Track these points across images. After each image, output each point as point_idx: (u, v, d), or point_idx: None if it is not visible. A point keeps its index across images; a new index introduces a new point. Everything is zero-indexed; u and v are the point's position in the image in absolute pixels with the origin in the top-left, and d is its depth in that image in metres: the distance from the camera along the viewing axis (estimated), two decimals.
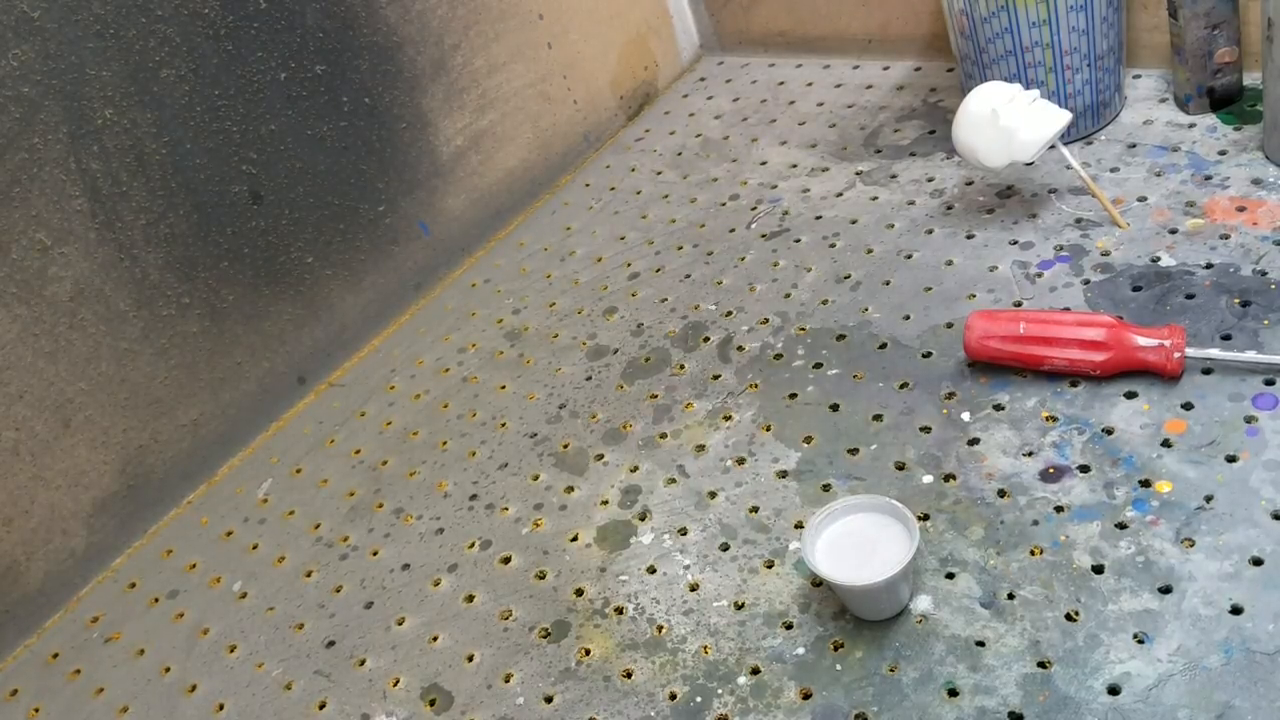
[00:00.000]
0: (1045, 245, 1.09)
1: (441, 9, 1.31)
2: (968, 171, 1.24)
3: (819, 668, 0.79)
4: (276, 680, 0.94)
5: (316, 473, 1.14)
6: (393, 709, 0.88)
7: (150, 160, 1.07)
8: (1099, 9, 1.15)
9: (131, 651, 1.02)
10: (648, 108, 1.62)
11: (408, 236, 1.33)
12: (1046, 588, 0.79)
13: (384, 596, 0.98)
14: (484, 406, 1.15)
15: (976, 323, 0.96)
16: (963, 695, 0.74)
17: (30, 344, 1.02)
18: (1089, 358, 0.91)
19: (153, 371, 1.12)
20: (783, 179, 1.35)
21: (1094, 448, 0.88)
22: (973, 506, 0.87)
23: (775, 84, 1.56)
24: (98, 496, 1.10)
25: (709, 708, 0.79)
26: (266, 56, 1.14)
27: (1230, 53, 1.15)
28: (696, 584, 0.89)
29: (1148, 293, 1.00)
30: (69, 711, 0.98)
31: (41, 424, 1.05)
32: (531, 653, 0.88)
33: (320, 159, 1.22)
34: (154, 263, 1.10)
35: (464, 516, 1.03)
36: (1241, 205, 1.06)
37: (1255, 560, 0.76)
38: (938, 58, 1.47)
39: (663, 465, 1.01)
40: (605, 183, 1.47)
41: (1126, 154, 1.18)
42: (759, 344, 1.10)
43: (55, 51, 0.99)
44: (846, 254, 1.18)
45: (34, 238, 1.01)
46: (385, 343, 1.31)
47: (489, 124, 1.40)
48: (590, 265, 1.31)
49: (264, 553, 1.07)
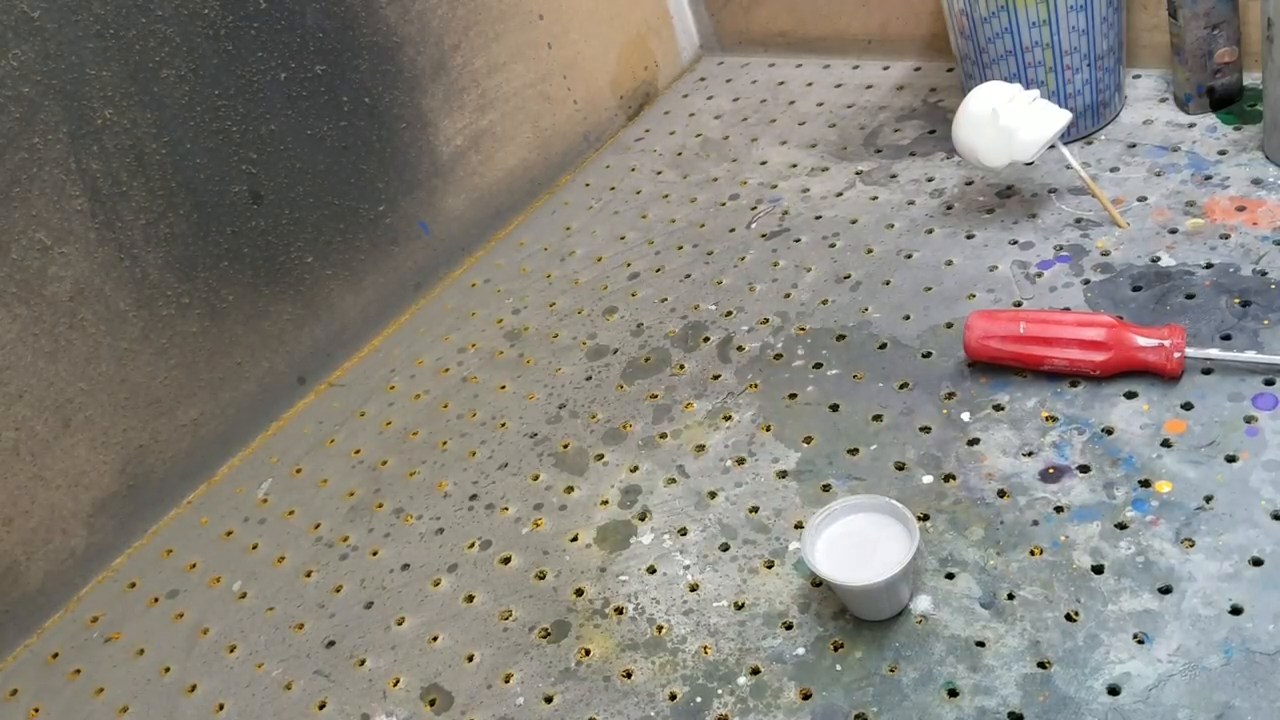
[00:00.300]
0: (1045, 245, 1.09)
1: (441, 9, 1.31)
2: (968, 171, 1.24)
3: (819, 668, 0.79)
4: (276, 680, 0.94)
5: (316, 473, 1.14)
6: (393, 709, 0.88)
7: (150, 160, 1.07)
8: (1099, 9, 1.15)
9: (131, 651, 1.02)
10: (648, 108, 1.62)
11: (408, 236, 1.33)
12: (1046, 588, 0.79)
13: (384, 596, 0.98)
14: (484, 406, 1.15)
15: (976, 323, 0.96)
16: (963, 695, 0.74)
17: (30, 344, 1.02)
18: (1089, 358, 0.91)
19: (153, 371, 1.12)
20: (783, 179, 1.35)
21: (1094, 448, 0.88)
22: (973, 506, 0.87)
23: (775, 84, 1.56)
24: (98, 496, 1.10)
25: (709, 708, 0.79)
26: (266, 56, 1.14)
27: (1230, 53, 1.15)
28: (696, 584, 0.89)
29: (1148, 293, 1.00)
30: (69, 711, 0.98)
31: (41, 424, 1.05)
32: (531, 653, 0.88)
33: (320, 159, 1.22)
34: (154, 263, 1.10)
35: (464, 516, 1.03)
36: (1241, 205, 1.06)
37: (1255, 560, 0.76)
38: (938, 58, 1.47)
39: (663, 465, 1.01)
40: (605, 182, 1.47)
41: (1126, 154, 1.18)
42: (759, 344, 1.10)
43: (55, 51, 0.99)
44: (846, 254, 1.18)
45: (34, 238, 1.01)
46: (385, 343, 1.31)
47: (489, 124, 1.40)
48: (590, 265, 1.31)
49: (264, 553, 1.07)
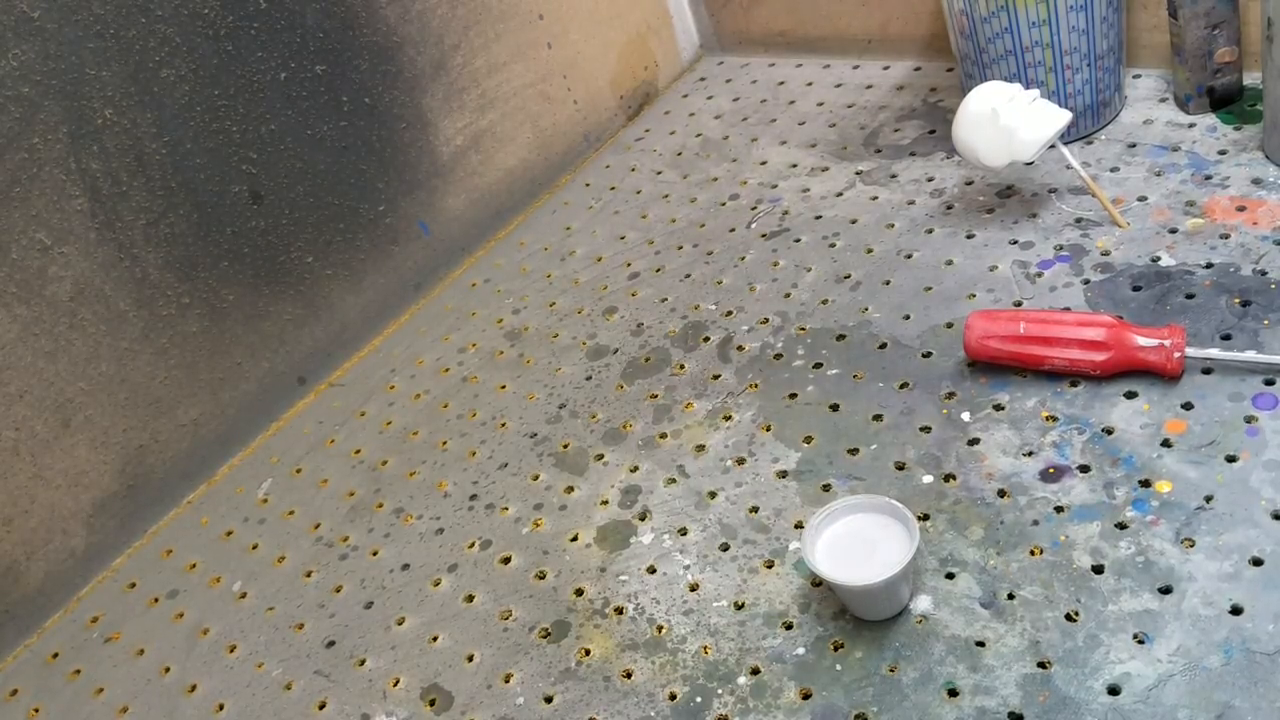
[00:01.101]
0: (1045, 245, 1.09)
1: (441, 9, 1.31)
2: (968, 171, 1.24)
3: (819, 668, 0.79)
4: (276, 680, 0.94)
5: (316, 473, 1.14)
6: (393, 709, 0.88)
7: (150, 160, 1.07)
8: (1099, 9, 1.15)
9: (131, 651, 1.02)
10: (648, 107, 1.62)
11: (408, 236, 1.33)
12: (1046, 588, 0.79)
13: (384, 596, 0.98)
14: (484, 406, 1.15)
15: (976, 322, 0.96)
16: (963, 695, 0.74)
17: (30, 344, 1.02)
18: (1089, 358, 0.91)
19: (153, 371, 1.12)
20: (783, 179, 1.35)
21: (1094, 448, 0.88)
22: (973, 506, 0.87)
23: (775, 84, 1.56)
24: (98, 496, 1.10)
25: (709, 708, 0.79)
26: (266, 56, 1.14)
27: (1230, 53, 1.15)
28: (696, 584, 0.89)
29: (1148, 292, 1.00)
30: (69, 711, 0.98)
31: (41, 424, 1.05)
32: (531, 653, 0.88)
33: (320, 159, 1.22)
34: (154, 263, 1.10)
35: (464, 516, 1.03)
36: (1241, 205, 1.06)
37: (1255, 560, 0.76)
38: (938, 58, 1.47)
39: (663, 465, 1.01)
40: (605, 182, 1.47)
41: (1126, 154, 1.18)
42: (759, 344, 1.10)
43: (55, 51, 0.99)
44: (846, 254, 1.18)
45: (34, 238, 1.01)
46: (385, 343, 1.31)
47: (489, 124, 1.40)
48: (590, 265, 1.31)
49: (264, 553, 1.07)
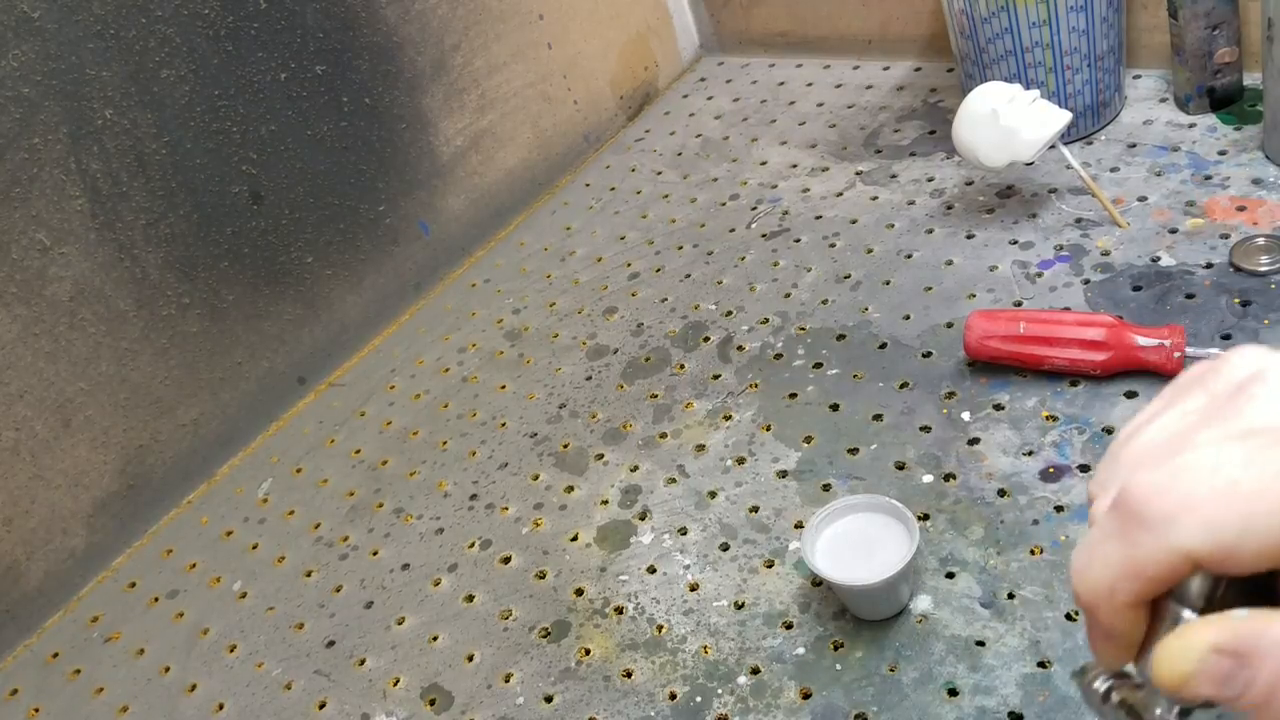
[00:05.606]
0: (1045, 245, 1.09)
1: (441, 9, 1.31)
2: (968, 171, 1.24)
3: (819, 668, 0.79)
4: (276, 680, 0.94)
5: (316, 472, 1.14)
6: (393, 709, 0.88)
7: (150, 160, 1.07)
8: (1099, 9, 1.15)
9: (131, 651, 1.02)
10: (648, 108, 1.62)
11: (408, 236, 1.33)
12: (1046, 588, 0.79)
13: (384, 596, 0.98)
14: (484, 406, 1.15)
15: (976, 322, 0.96)
16: (963, 695, 0.74)
17: (30, 344, 1.02)
18: (1089, 357, 0.91)
19: (153, 371, 1.12)
20: (783, 179, 1.35)
21: (1094, 447, 0.88)
22: (973, 506, 0.87)
23: (775, 84, 1.56)
24: (98, 496, 1.10)
25: (709, 708, 0.79)
26: (266, 56, 1.14)
27: (1230, 53, 1.15)
28: (696, 584, 0.89)
29: (1148, 292, 1.00)
30: (69, 711, 0.98)
31: (41, 424, 1.05)
32: (531, 653, 0.88)
33: (320, 159, 1.22)
34: (154, 263, 1.10)
35: (464, 516, 1.03)
36: (1241, 205, 1.06)
37: None
38: (938, 58, 1.47)
39: (663, 465, 1.01)
40: (605, 183, 1.47)
41: (1126, 154, 1.18)
42: (759, 344, 1.10)
43: (55, 51, 0.99)
44: (846, 254, 1.18)
45: (34, 238, 1.01)
46: (385, 343, 1.31)
47: (489, 124, 1.40)
48: (590, 265, 1.31)
49: (264, 553, 1.07)
